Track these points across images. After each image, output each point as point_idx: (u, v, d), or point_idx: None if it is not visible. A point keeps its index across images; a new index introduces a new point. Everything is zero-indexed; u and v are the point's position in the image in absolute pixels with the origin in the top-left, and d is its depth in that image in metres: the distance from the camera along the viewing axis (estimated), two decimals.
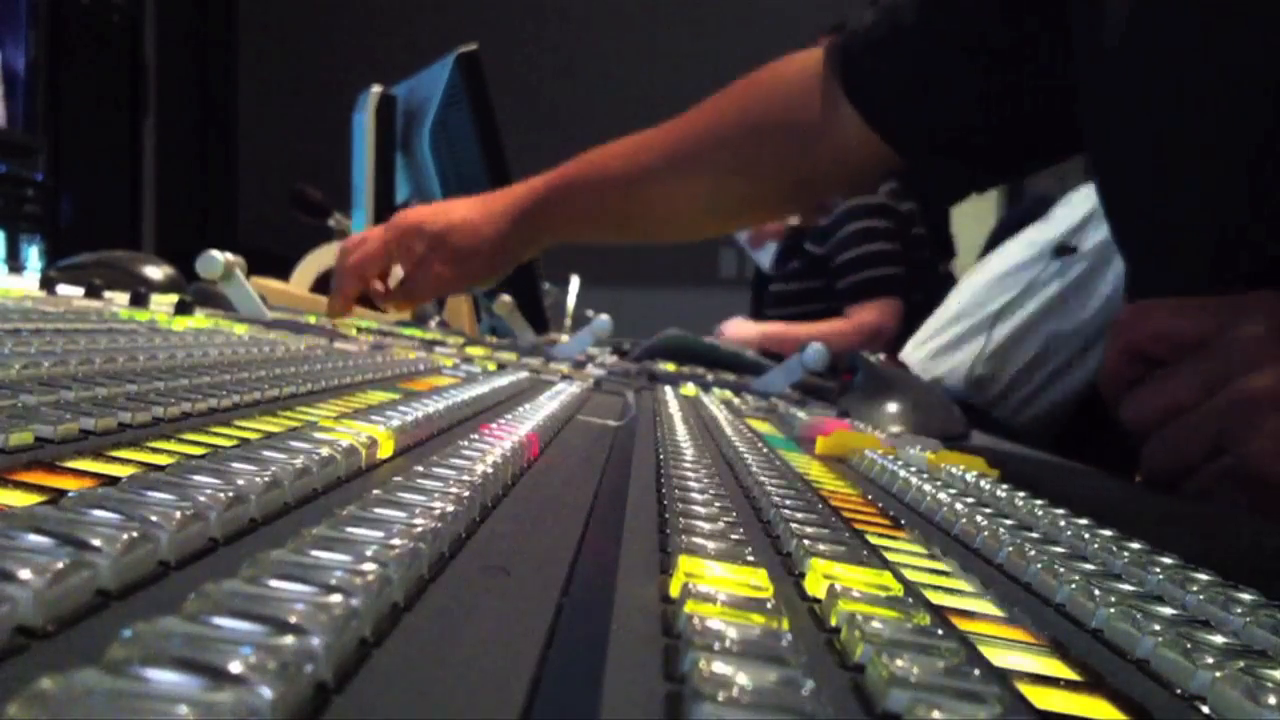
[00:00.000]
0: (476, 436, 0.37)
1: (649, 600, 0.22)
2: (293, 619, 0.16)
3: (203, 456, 0.27)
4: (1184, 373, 0.57)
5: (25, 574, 0.16)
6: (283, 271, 1.44)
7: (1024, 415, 1.65)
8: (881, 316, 2.29)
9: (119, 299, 0.81)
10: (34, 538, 0.17)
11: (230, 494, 0.23)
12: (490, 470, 0.31)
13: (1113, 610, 0.26)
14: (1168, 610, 0.26)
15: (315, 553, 0.20)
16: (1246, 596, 0.29)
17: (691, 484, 0.35)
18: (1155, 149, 0.70)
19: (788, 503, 0.34)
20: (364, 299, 1.38)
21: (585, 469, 0.41)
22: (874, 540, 0.32)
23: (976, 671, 0.19)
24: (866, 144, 1.00)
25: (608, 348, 1.46)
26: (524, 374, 0.74)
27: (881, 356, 1.27)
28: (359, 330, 0.95)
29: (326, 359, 0.61)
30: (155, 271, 1.11)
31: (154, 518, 0.20)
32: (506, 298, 1.26)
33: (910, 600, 0.24)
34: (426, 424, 0.41)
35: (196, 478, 0.24)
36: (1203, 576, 0.30)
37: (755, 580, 0.23)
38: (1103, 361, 0.62)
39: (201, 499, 0.22)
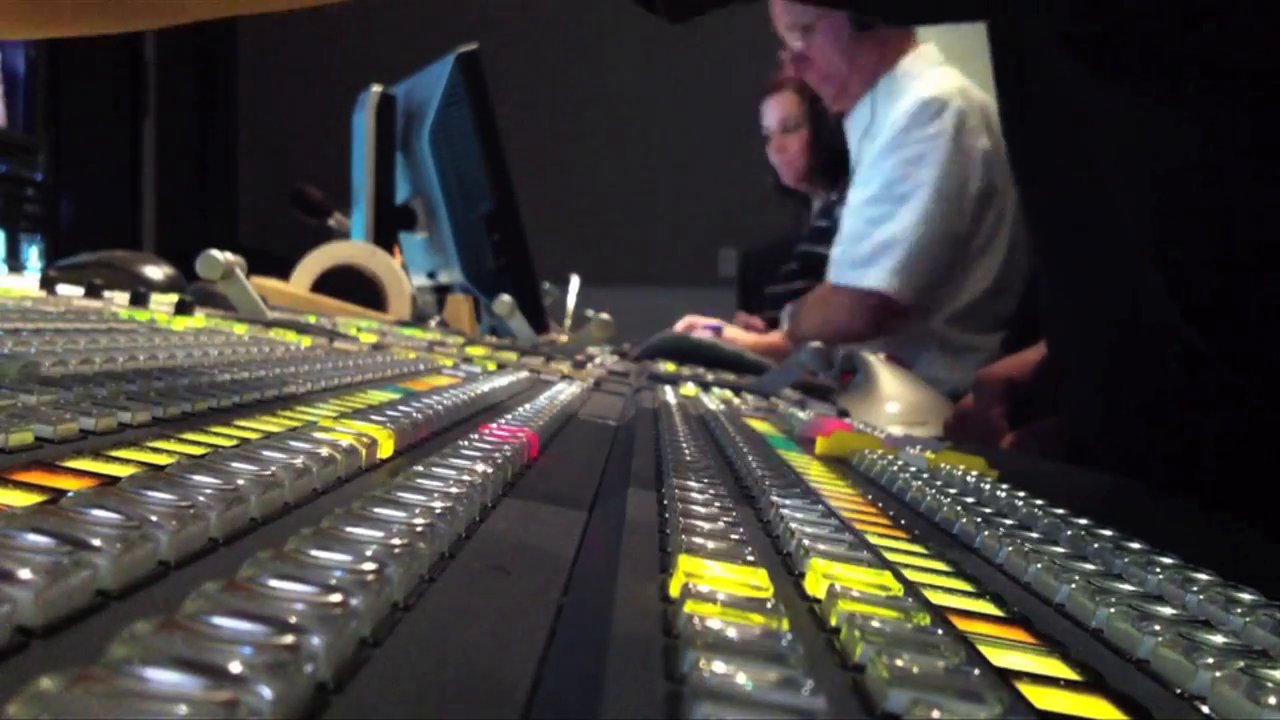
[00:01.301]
0: (476, 436, 0.37)
1: (649, 600, 0.22)
2: (293, 619, 0.16)
3: (203, 456, 0.27)
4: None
5: (25, 574, 0.16)
6: (283, 271, 1.44)
7: None
8: None
9: (119, 299, 0.81)
10: (34, 538, 0.17)
11: (230, 494, 0.23)
12: (490, 470, 0.31)
13: (1113, 610, 0.26)
14: (1168, 610, 0.26)
15: (315, 553, 0.20)
16: (1246, 596, 0.29)
17: (691, 484, 0.35)
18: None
19: (788, 503, 0.34)
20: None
21: (585, 469, 0.41)
22: (874, 540, 0.32)
23: (976, 671, 0.19)
24: None
25: (608, 348, 1.46)
26: (524, 374, 0.74)
27: (882, 355, 1.27)
28: (359, 330, 0.95)
29: (326, 359, 0.61)
30: (155, 271, 1.11)
31: (154, 518, 0.20)
32: (506, 298, 1.26)
33: (910, 600, 0.24)
34: (426, 424, 0.41)
35: (196, 478, 0.24)
36: (1203, 576, 0.30)
37: (755, 580, 0.23)
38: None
39: (201, 499, 0.22)
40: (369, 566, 0.19)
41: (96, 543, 0.18)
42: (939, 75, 1.90)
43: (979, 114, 1.86)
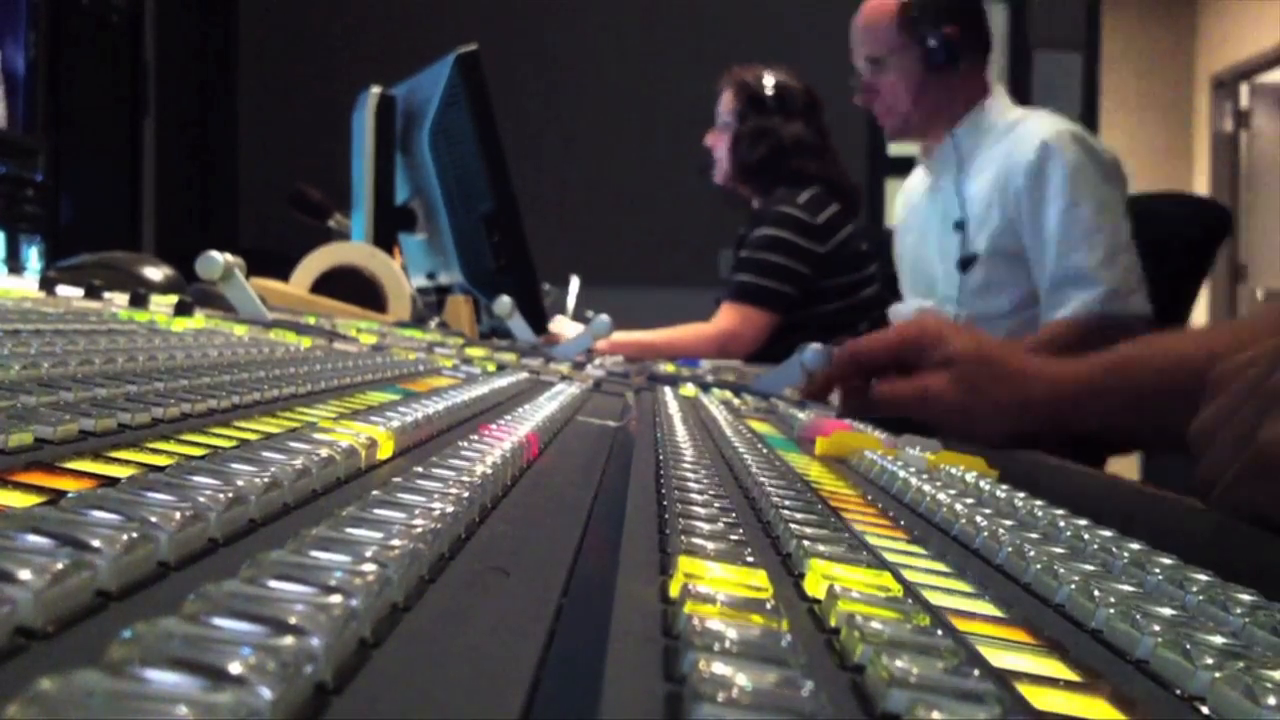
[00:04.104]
0: (476, 437, 0.37)
1: (649, 600, 0.22)
2: (293, 619, 0.16)
3: (202, 457, 0.27)
4: (1236, 384, 0.57)
5: (25, 574, 0.16)
6: (283, 272, 1.44)
7: None
8: (742, 324, 2.30)
9: (119, 300, 0.81)
10: (34, 538, 0.17)
11: (230, 494, 0.23)
12: (490, 470, 0.31)
13: (1113, 610, 0.26)
14: (1167, 610, 0.26)
15: (315, 553, 0.20)
16: (1246, 596, 0.29)
17: (691, 484, 0.35)
18: None
19: (788, 503, 0.34)
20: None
21: (585, 469, 0.41)
22: (874, 540, 0.32)
23: (976, 671, 0.19)
24: None
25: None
26: (523, 375, 0.74)
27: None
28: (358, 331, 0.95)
29: (326, 359, 0.61)
30: (155, 272, 1.11)
31: (154, 518, 0.20)
32: (506, 298, 1.26)
33: (910, 600, 0.24)
34: (426, 425, 0.41)
35: (196, 478, 0.24)
36: (1202, 576, 0.30)
37: (755, 580, 0.23)
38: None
39: (201, 499, 0.22)
40: (369, 567, 0.19)
41: (96, 543, 0.18)
42: (1050, 115, 1.97)
43: (1103, 147, 1.94)
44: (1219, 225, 2.09)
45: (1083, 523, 0.37)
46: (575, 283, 2.58)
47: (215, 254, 0.89)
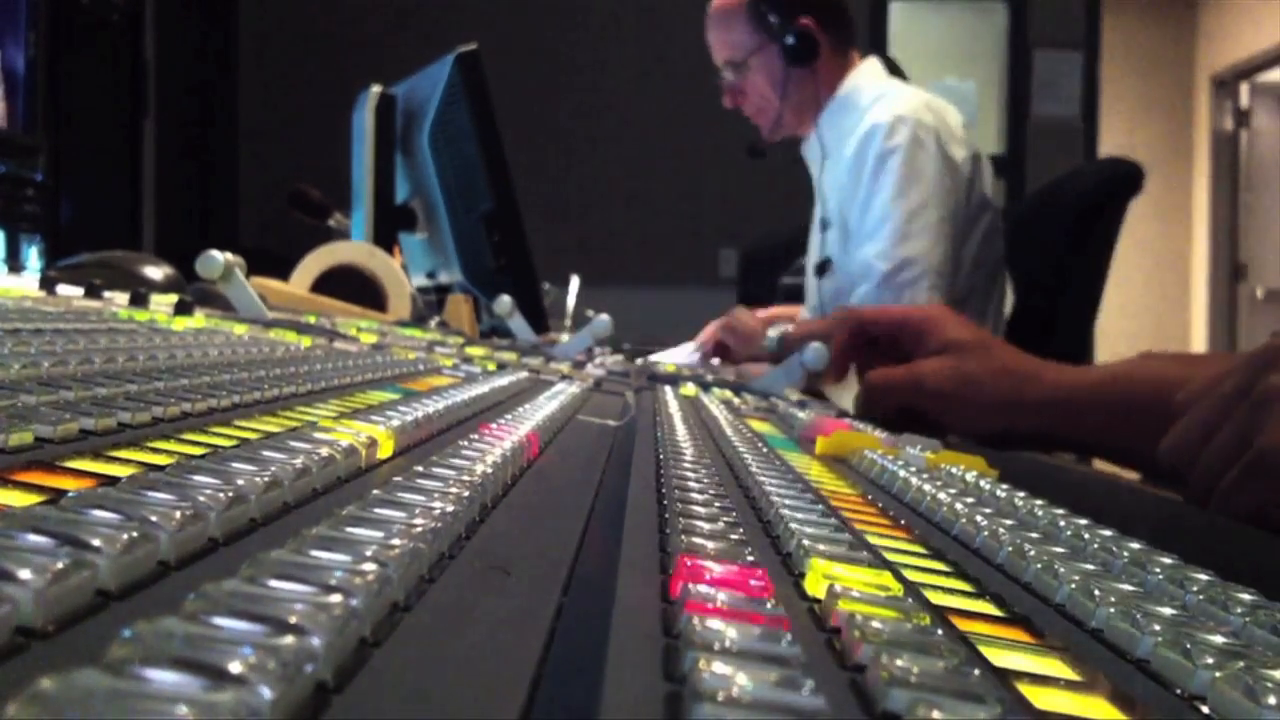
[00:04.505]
0: (476, 436, 0.37)
1: (649, 600, 0.22)
2: (293, 619, 0.16)
3: (203, 456, 0.27)
4: (1213, 398, 0.57)
5: (25, 574, 0.16)
6: (283, 271, 1.44)
7: None
8: None
9: (119, 299, 0.81)
10: (34, 538, 0.17)
11: (230, 494, 0.23)
12: (490, 470, 0.31)
13: (1113, 610, 0.26)
14: (1168, 610, 0.26)
15: (315, 552, 0.20)
16: (1246, 596, 0.29)
17: (691, 484, 0.35)
18: None
19: (788, 503, 0.34)
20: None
21: (585, 469, 0.41)
22: (874, 540, 0.32)
23: (976, 671, 0.19)
24: None
25: (608, 347, 1.46)
26: (524, 374, 0.74)
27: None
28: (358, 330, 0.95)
29: (326, 359, 0.61)
30: (155, 271, 1.11)
31: (154, 518, 0.20)
32: (506, 298, 1.26)
33: (910, 600, 0.24)
34: (426, 424, 0.41)
35: (196, 478, 0.24)
36: (1203, 576, 0.30)
37: (756, 580, 0.23)
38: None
39: (201, 499, 0.22)
40: (369, 566, 0.19)
41: (96, 543, 0.18)
42: (894, 93, 1.88)
43: (942, 125, 1.83)
44: (1128, 181, 1.96)
45: (1083, 523, 0.37)
46: (575, 283, 2.58)
47: (215, 253, 0.89)
